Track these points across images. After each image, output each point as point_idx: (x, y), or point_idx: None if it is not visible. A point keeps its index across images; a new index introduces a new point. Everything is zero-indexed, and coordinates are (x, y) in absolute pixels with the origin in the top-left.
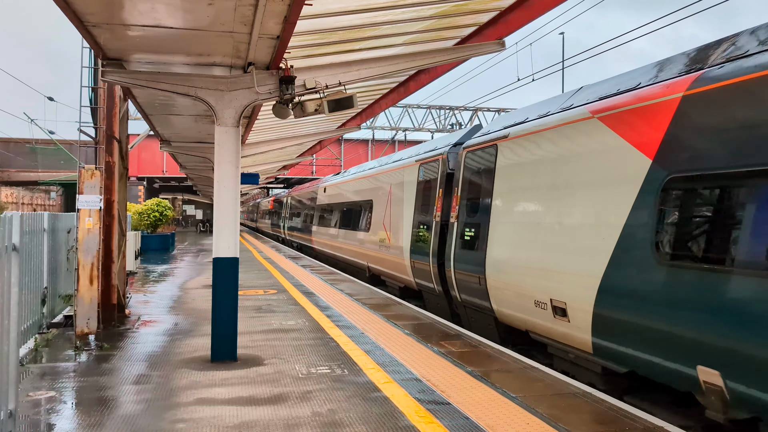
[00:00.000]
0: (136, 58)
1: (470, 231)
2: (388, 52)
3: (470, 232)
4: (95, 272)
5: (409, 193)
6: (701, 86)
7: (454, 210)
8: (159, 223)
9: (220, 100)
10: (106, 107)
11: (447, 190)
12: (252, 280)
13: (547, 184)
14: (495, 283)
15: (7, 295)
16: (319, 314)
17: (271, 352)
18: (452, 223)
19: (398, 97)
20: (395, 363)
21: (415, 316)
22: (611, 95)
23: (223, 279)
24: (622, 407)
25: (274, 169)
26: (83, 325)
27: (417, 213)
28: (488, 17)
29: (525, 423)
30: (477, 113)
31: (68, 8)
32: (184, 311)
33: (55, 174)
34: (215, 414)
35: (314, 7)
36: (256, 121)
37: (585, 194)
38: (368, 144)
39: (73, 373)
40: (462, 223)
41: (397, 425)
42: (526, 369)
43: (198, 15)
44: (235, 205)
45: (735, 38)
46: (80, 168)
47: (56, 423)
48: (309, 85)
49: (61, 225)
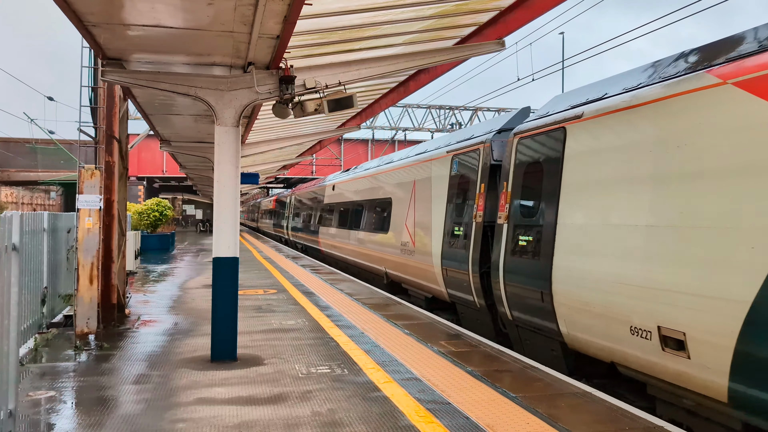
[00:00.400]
0: (136, 58)
1: (528, 234)
2: (388, 51)
3: (528, 236)
4: (95, 272)
5: (439, 189)
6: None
7: (503, 209)
8: (159, 223)
9: (220, 100)
10: (106, 107)
11: (491, 184)
12: (252, 279)
13: (650, 174)
14: (566, 301)
15: (6, 295)
16: (319, 314)
17: (271, 351)
18: (500, 225)
19: (398, 97)
20: (395, 362)
21: (414, 316)
22: (749, 54)
23: (223, 279)
24: (622, 407)
25: (274, 168)
26: (83, 324)
27: (450, 212)
28: (488, 17)
29: (525, 423)
30: (477, 113)
31: (68, 8)
32: (183, 311)
33: (55, 174)
34: (215, 414)
35: (314, 7)
36: (256, 121)
37: (721, 186)
38: (368, 144)
39: (73, 373)
40: (515, 224)
41: (397, 425)
42: (526, 369)
43: (198, 15)
44: (235, 204)
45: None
46: (80, 168)
47: (56, 423)
48: (309, 84)
49: (61, 225)
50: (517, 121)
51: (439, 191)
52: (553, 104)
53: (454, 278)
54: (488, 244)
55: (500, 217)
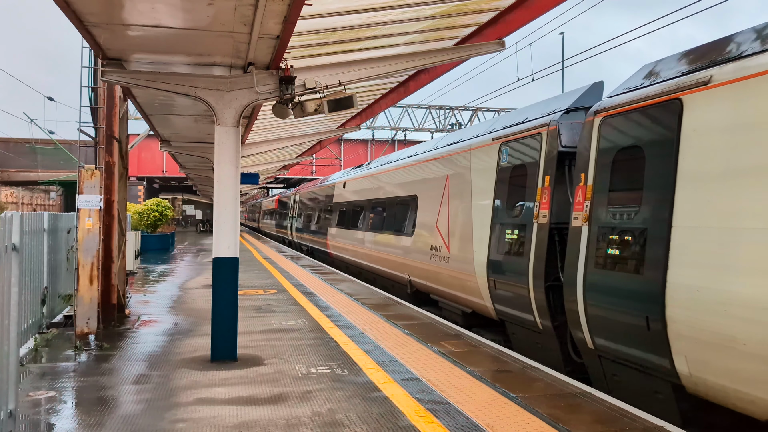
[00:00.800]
0: (136, 58)
1: (621, 241)
2: (388, 52)
3: (621, 243)
4: (95, 272)
5: (483, 183)
6: None
7: (580, 207)
8: (159, 223)
9: (220, 100)
10: (106, 107)
11: (559, 176)
12: (252, 279)
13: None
14: (691, 332)
15: (7, 295)
16: (319, 314)
17: (271, 351)
18: (576, 228)
19: (398, 97)
20: (395, 363)
21: (414, 316)
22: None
23: (223, 279)
24: (622, 407)
25: (274, 169)
26: (83, 325)
27: (499, 211)
28: (488, 17)
29: (525, 423)
30: (477, 113)
31: (68, 8)
32: (183, 311)
33: (55, 174)
34: (215, 414)
35: (314, 7)
36: (256, 121)
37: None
38: (368, 144)
39: (73, 373)
40: (600, 227)
41: (397, 425)
42: (526, 369)
43: (198, 15)
44: (235, 205)
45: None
46: (80, 168)
47: (56, 423)
48: (309, 85)
49: (61, 225)
50: (591, 99)
51: (482, 186)
52: (643, 76)
53: (506, 292)
54: (554, 251)
55: (576, 217)
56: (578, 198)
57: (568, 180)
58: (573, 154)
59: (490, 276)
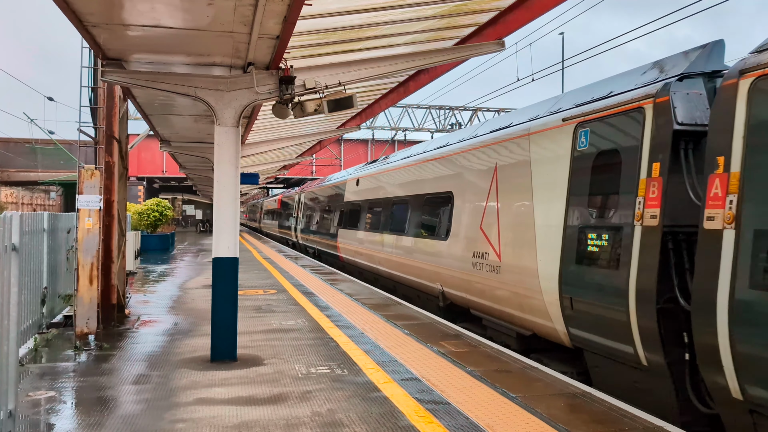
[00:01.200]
0: (136, 58)
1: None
2: (388, 52)
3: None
4: (95, 272)
5: (550, 175)
6: None
7: (719, 202)
8: (159, 223)
9: (220, 100)
10: (105, 107)
11: (674, 163)
12: (252, 280)
13: None
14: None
15: (6, 295)
16: (319, 314)
17: (270, 352)
18: (714, 232)
19: (398, 97)
20: (395, 363)
21: (414, 316)
22: None
23: (222, 279)
24: (622, 407)
25: (273, 169)
26: (83, 325)
27: (577, 210)
28: (488, 17)
29: (525, 423)
30: (477, 113)
31: (68, 8)
32: (183, 311)
33: (55, 174)
34: (215, 414)
35: (314, 7)
36: (256, 121)
37: None
38: (368, 144)
39: (73, 373)
40: (759, 230)
41: (396, 425)
42: (526, 369)
43: (198, 15)
44: (235, 205)
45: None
46: (80, 168)
47: (56, 423)
48: (309, 85)
49: (60, 225)
50: (714, 61)
51: (548, 178)
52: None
53: (588, 313)
54: (667, 263)
55: (711, 217)
56: (714, 191)
57: (686, 168)
58: (691, 134)
59: (564, 292)
